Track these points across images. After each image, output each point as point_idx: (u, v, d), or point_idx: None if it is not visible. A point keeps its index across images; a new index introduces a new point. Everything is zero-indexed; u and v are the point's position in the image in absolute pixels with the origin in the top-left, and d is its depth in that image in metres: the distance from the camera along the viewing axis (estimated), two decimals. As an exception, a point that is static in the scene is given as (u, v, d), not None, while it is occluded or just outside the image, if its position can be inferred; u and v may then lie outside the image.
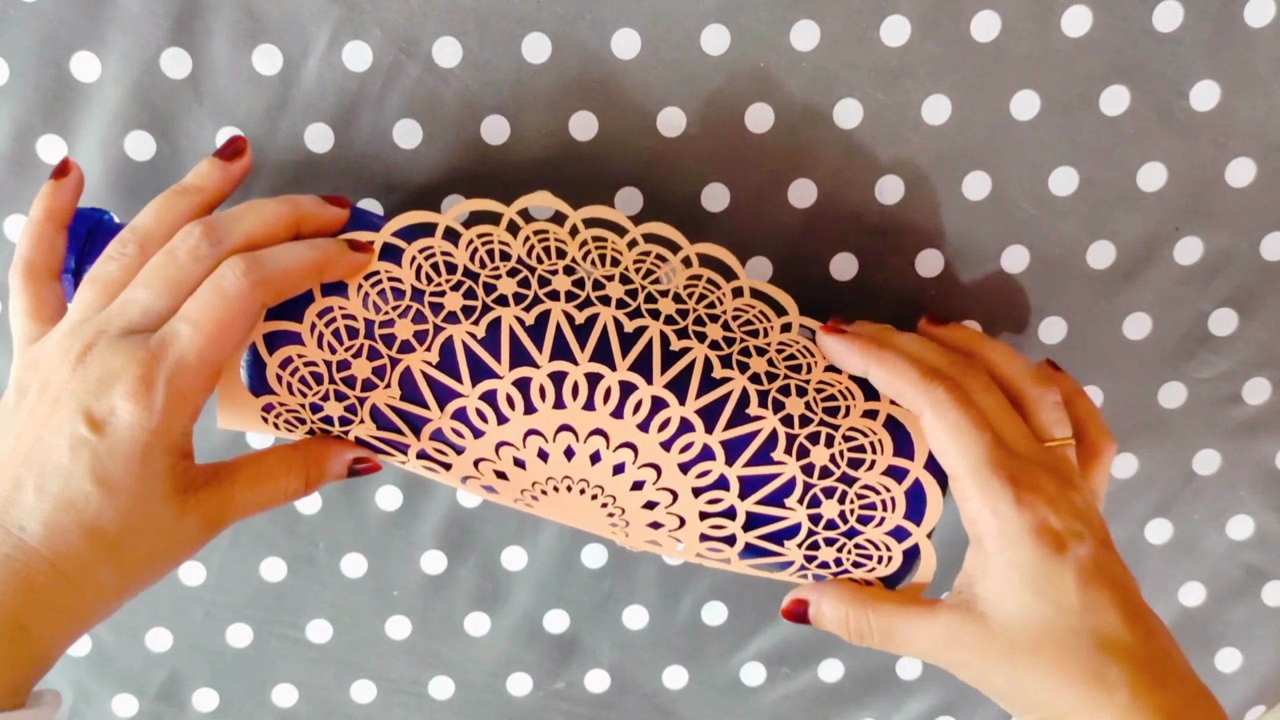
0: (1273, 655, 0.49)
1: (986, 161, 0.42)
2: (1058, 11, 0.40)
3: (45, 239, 0.36)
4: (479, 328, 0.36)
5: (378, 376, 0.36)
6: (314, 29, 0.40)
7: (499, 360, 0.36)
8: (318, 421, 0.37)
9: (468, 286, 0.36)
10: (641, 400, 0.36)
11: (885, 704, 0.49)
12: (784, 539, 0.38)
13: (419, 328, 0.36)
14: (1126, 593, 0.35)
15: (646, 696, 0.49)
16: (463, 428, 0.37)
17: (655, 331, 0.37)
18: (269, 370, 0.36)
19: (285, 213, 0.36)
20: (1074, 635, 0.34)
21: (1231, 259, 0.43)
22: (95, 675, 0.48)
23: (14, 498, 0.31)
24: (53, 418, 0.32)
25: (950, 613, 0.36)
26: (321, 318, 0.36)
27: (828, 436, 0.37)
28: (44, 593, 0.31)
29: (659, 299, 0.37)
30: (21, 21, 0.40)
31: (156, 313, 0.33)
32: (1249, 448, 0.46)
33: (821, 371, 0.38)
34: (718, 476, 0.37)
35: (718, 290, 0.38)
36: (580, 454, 0.37)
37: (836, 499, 0.37)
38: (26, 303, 0.36)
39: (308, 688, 0.49)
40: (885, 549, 0.38)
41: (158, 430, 0.32)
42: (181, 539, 0.33)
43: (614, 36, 0.40)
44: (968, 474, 0.35)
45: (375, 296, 0.36)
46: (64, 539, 0.31)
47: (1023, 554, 0.34)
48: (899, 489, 0.37)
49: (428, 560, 0.47)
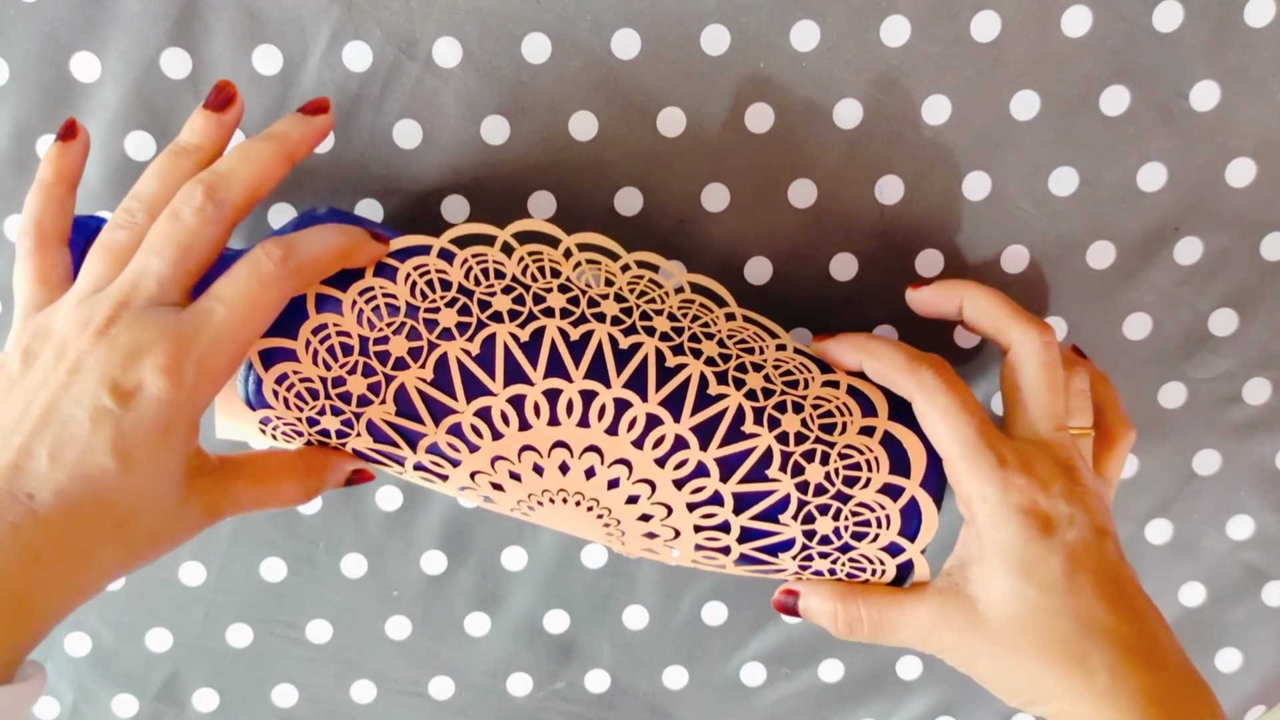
0: (1273, 655, 0.49)
1: (986, 161, 0.42)
2: (1058, 11, 0.40)
3: (55, 200, 0.36)
4: (473, 344, 0.36)
5: (373, 393, 0.36)
6: (314, 29, 0.40)
7: (493, 377, 0.36)
8: (315, 434, 0.37)
9: (462, 303, 0.36)
10: (636, 417, 0.36)
11: (885, 704, 0.49)
12: (779, 552, 0.38)
13: (413, 344, 0.36)
14: (1117, 578, 0.34)
15: (646, 696, 0.49)
16: (458, 442, 0.37)
17: (651, 348, 0.37)
18: (265, 386, 0.36)
19: (277, 151, 0.35)
20: (1057, 618, 0.34)
21: (1231, 259, 0.43)
22: (95, 675, 0.48)
23: (24, 465, 0.30)
24: (72, 387, 0.31)
25: (939, 595, 0.36)
26: (316, 334, 0.36)
27: (823, 454, 0.37)
28: (47, 565, 0.30)
29: (654, 317, 0.37)
30: (21, 21, 0.40)
31: (172, 280, 0.32)
32: (1249, 448, 0.46)
33: (819, 387, 0.38)
34: (712, 493, 0.37)
35: (711, 313, 0.38)
36: (575, 469, 0.37)
37: (831, 516, 0.37)
38: (35, 266, 0.35)
39: (308, 688, 0.49)
40: (879, 564, 0.38)
41: (184, 407, 0.31)
42: (182, 523, 0.33)
43: (614, 36, 0.40)
44: (959, 456, 0.35)
45: (370, 313, 0.36)
46: (74, 511, 0.30)
47: (1010, 535, 0.34)
48: (894, 506, 0.37)
49: (428, 560, 0.47)
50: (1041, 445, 0.36)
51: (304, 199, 0.42)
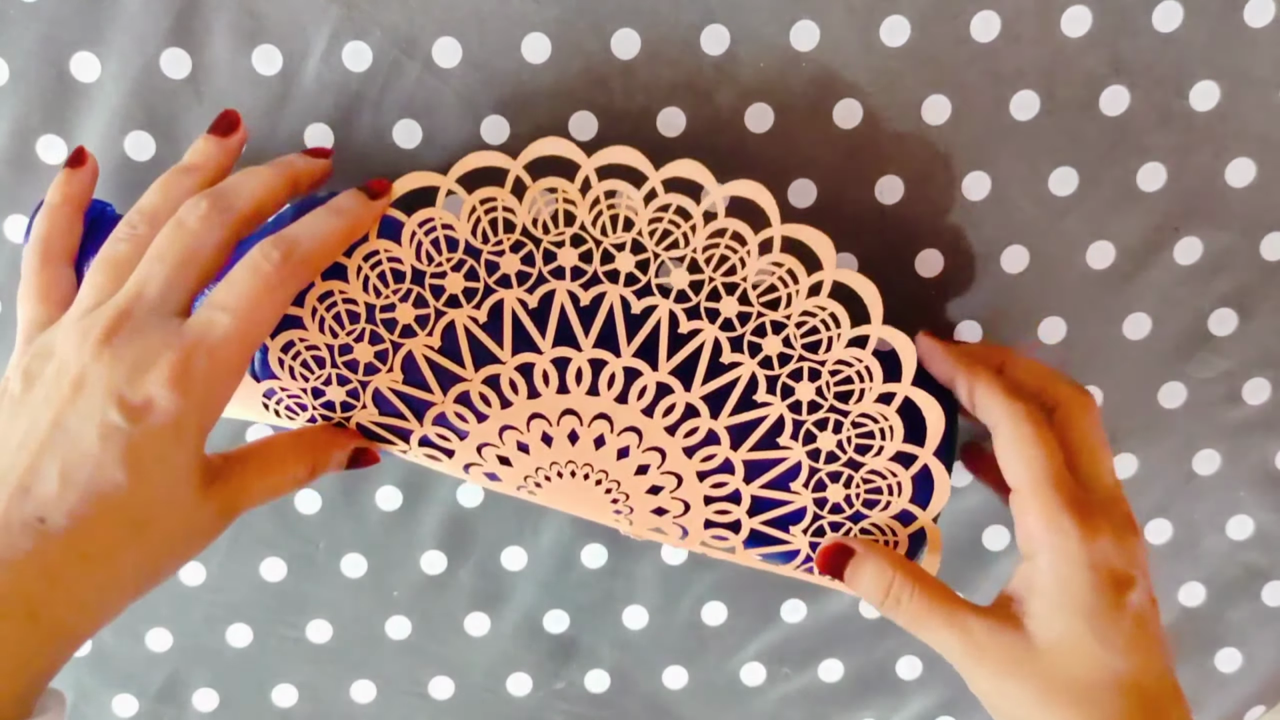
0: (1273, 655, 0.49)
1: (986, 161, 0.42)
2: (1058, 11, 0.40)
3: (64, 220, 0.35)
4: (480, 312, 0.36)
5: (380, 360, 0.36)
6: (314, 29, 0.40)
7: (501, 345, 0.36)
8: (319, 407, 0.37)
9: (469, 266, 0.36)
10: (646, 386, 0.36)
11: (885, 704, 0.49)
12: (789, 524, 0.38)
13: (420, 312, 0.36)
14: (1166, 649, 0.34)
15: (646, 696, 0.49)
16: (466, 412, 0.37)
17: (664, 313, 0.36)
18: (271, 354, 0.36)
19: (283, 174, 0.35)
20: (1116, 678, 0.33)
21: (1231, 259, 0.43)
22: (95, 675, 0.48)
23: (33, 487, 0.30)
24: (77, 402, 0.30)
25: (995, 618, 0.35)
26: (322, 302, 0.36)
27: (836, 422, 0.37)
28: (65, 586, 0.30)
29: (672, 270, 0.36)
30: (21, 21, 0.40)
31: (175, 287, 0.32)
32: (1249, 448, 0.46)
33: (843, 348, 0.36)
34: (722, 460, 0.37)
35: (742, 248, 0.35)
36: (584, 438, 0.37)
37: (842, 483, 0.37)
38: (39, 285, 0.34)
39: (308, 688, 0.49)
40: (891, 533, 0.38)
41: (192, 417, 0.31)
42: (200, 528, 0.33)
43: (614, 36, 0.40)
44: (1032, 490, 0.34)
45: (375, 280, 0.36)
46: (90, 531, 0.30)
47: (1083, 587, 0.33)
48: (906, 474, 0.37)
49: (428, 560, 0.47)
50: (1107, 499, 0.35)
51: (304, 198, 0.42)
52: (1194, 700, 0.49)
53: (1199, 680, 0.49)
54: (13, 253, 0.42)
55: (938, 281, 0.43)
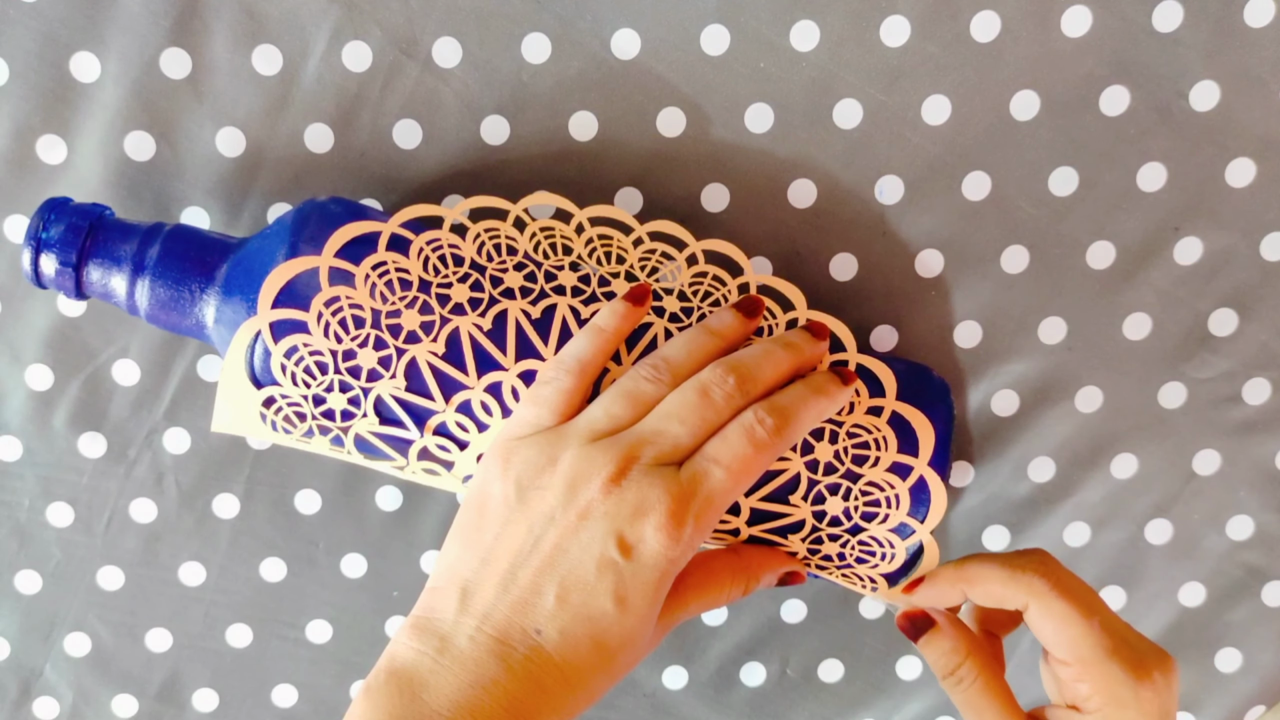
0: (1273, 655, 0.49)
1: (986, 161, 0.42)
2: (1058, 11, 0.40)
3: (610, 347, 0.37)
4: (485, 320, 0.36)
5: (383, 367, 0.36)
6: (314, 29, 0.40)
7: (504, 353, 0.36)
8: (319, 416, 0.37)
9: (474, 279, 0.37)
10: None
11: (885, 704, 0.49)
12: (788, 534, 0.38)
13: (425, 318, 0.36)
14: None
15: (646, 696, 0.49)
16: (467, 421, 0.37)
17: (660, 329, 0.37)
18: (274, 359, 0.36)
19: (794, 360, 0.37)
20: None
21: (1231, 259, 0.43)
22: (95, 675, 0.48)
23: (533, 602, 0.33)
24: (580, 533, 0.33)
25: None
26: (329, 307, 0.36)
27: (831, 433, 0.37)
28: (548, 694, 0.33)
29: (664, 296, 0.38)
30: (21, 21, 0.40)
31: (685, 449, 0.34)
32: (1249, 448, 0.46)
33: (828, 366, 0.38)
34: None
35: (723, 287, 0.38)
36: None
37: (841, 495, 0.37)
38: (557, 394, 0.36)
39: (308, 688, 0.49)
40: (889, 545, 0.38)
41: (676, 561, 0.34)
42: (647, 645, 0.35)
43: (614, 36, 0.40)
44: (1080, 665, 0.36)
45: (383, 286, 0.36)
46: (575, 648, 0.33)
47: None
48: (903, 486, 0.37)
49: (428, 560, 0.47)
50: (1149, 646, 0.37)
51: (305, 199, 0.42)
52: (1194, 700, 0.49)
53: (1199, 680, 0.49)
54: (13, 253, 0.42)
55: (937, 281, 0.43)
